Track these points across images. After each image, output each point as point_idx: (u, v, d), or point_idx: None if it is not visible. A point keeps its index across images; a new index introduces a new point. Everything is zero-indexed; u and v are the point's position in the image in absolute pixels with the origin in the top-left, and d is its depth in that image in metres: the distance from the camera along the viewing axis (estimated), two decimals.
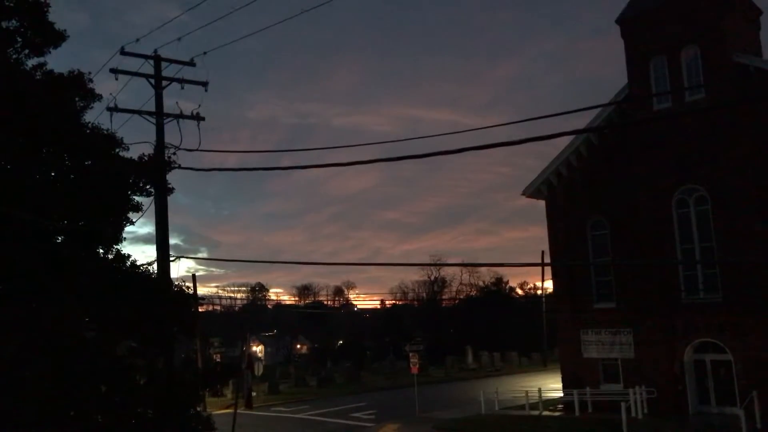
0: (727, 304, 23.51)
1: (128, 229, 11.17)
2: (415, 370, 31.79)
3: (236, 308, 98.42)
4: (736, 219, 23.52)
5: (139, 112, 16.91)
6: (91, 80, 11.09)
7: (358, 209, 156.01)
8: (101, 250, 10.43)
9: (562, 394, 28.69)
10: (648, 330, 25.58)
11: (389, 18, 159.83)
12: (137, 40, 17.07)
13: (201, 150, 16.69)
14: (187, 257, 34.60)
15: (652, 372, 25.16)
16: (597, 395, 26.42)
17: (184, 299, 11.19)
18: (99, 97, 11.26)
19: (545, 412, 27.73)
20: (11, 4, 10.29)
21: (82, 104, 10.91)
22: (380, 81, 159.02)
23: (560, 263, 29.46)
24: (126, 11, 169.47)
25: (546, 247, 30.71)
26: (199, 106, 17.39)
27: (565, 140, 29.27)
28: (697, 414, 24.13)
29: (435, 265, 73.39)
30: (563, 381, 28.71)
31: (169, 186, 14.35)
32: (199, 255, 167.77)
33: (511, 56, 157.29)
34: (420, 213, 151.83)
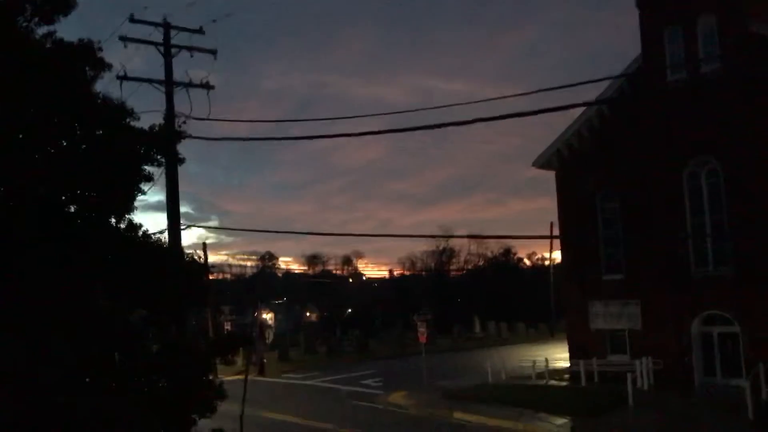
0: (735, 278, 23.49)
1: (139, 197, 11.21)
2: (423, 339, 32.08)
3: (246, 276, 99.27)
4: (748, 192, 23.35)
5: (149, 81, 16.90)
6: (100, 49, 11.01)
7: (367, 180, 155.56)
8: (113, 220, 10.49)
9: (568, 365, 28.94)
10: (656, 302, 25.65)
11: None
12: (145, 7, 16.98)
13: (211, 119, 16.73)
14: (197, 226, 34.84)
15: (659, 343, 25.29)
16: (603, 366, 26.63)
17: (195, 268, 11.27)
18: (109, 66, 11.17)
19: (552, 382, 28.02)
20: None
21: (92, 73, 10.84)
22: (395, 51, 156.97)
23: (569, 235, 29.42)
24: None
25: (555, 218, 30.70)
26: (209, 74, 17.37)
27: (577, 111, 29.01)
28: (702, 385, 24.31)
29: (443, 237, 73.48)
30: (570, 351, 28.94)
31: (180, 156, 14.37)
32: (210, 223, 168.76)
33: (524, 25, 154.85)
34: (429, 184, 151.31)
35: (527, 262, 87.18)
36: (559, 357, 32.91)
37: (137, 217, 10.41)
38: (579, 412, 21.12)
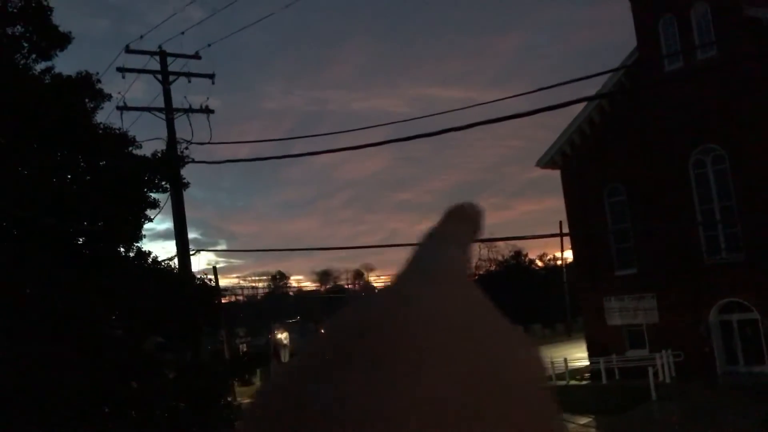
0: (749, 263, 23.28)
1: (147, 225, 11.28)
2: None
3: (258, 297, 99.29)
4: (755, 176, 23.21)
5: (149, 109, 16.99)
6: (99, 80, 11.13)
7: (372, 192, 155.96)
8: (122, 249, 10.54)
9: (588, 363, 28.70)
10: (671, 294, 25.44)
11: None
12: (141, 37, 17.12)
13: (212, 143, 16.80)
14: (206, 250, 34.83)
15: (678, 335, 25.06)
16: (623, 362, 26.39)
17: (207, 292, 11.30)
18: (108, 97, 11.32)
19: (572, 382, 27.78)
20: (15, 10, 10.33)
21: (92, 105, 10.97)
22: (393, 63, 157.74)
23: (579, 233, 29.33)
24: (146, 14, 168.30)
25: (563, 217, 30.59)
26: (207, 99, 17.46)
27: (577, 109, 28.96)
28: (725, 374, 24.04)
29: None
30: (588, 350, 28.70)
31: (184, 181, 14.46)
32: (218, 247, 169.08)
33: (518, 29, 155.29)
34: (434, 191, 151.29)
35: (539, 263, 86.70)
36: (578, 356, 32.64)
37: (146, 245, 10.48)
38: (602, 409, 20.92)
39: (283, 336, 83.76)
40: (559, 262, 69.72)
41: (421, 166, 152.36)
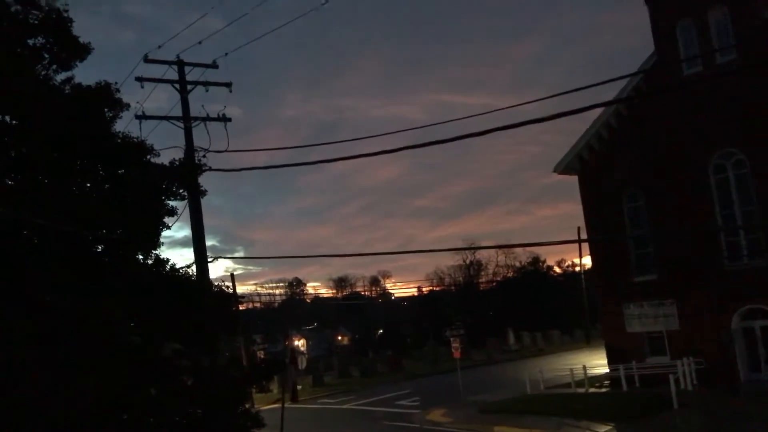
0: None
1: (165, 233, 11.37)
2: (457, 354, 31.75)
3: (275, 304, 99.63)
4: None
5: (167, 118, 17.13)
6: (118, 90, 11.27)
7: (388, 199, 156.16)
8: (140, 256, 10.63)
9: (607, 370, 28.40)
10: (692, 300, 25.12)
11: (412, 5, 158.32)
12: (159, 47, 17.31)
13: (230, 151, 16.90)
14: (224, 257, 34.81)
15: (700, 342, 24.71)
16: (644, 369, 26.08)
17: (224, 299, 11.36)
18: (127, 106, 11.46)
19: (591, 389, 27.49)
20: (36, 22, 10.51)
21: (111, 114, 11.12)
22: (411, 70, 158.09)
23: (597, 238, 29.07)
24: (166, 25, 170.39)
25: (581, 222, 30.35)
26: (225, 107, 17.57)
27: (594, 114, 28.79)
28: (748, 382, 23.65)
29: (469, 249, 73.08)
30: (608, 357, 28.40)
31: (202, 188, 14.56)
32: (236, 254, 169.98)
33: (535, 34, 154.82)
34: (450, 198, 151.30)
35: (557, 269, 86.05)
36: (597, 363, 32.32)
37: (164, 252, 10.54)
38: (622, 417, 20.66)
39: (300, 342, 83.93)
40: (577, 268, 69.15)
41: (438, 172, 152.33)
